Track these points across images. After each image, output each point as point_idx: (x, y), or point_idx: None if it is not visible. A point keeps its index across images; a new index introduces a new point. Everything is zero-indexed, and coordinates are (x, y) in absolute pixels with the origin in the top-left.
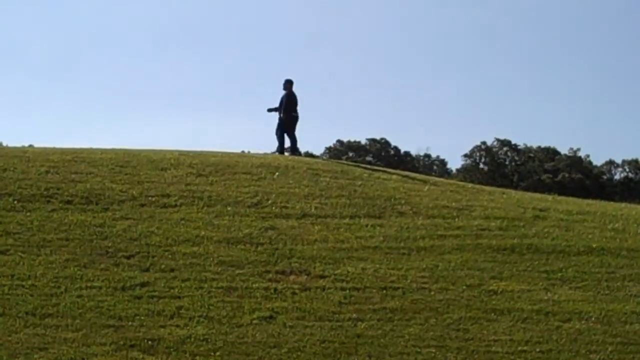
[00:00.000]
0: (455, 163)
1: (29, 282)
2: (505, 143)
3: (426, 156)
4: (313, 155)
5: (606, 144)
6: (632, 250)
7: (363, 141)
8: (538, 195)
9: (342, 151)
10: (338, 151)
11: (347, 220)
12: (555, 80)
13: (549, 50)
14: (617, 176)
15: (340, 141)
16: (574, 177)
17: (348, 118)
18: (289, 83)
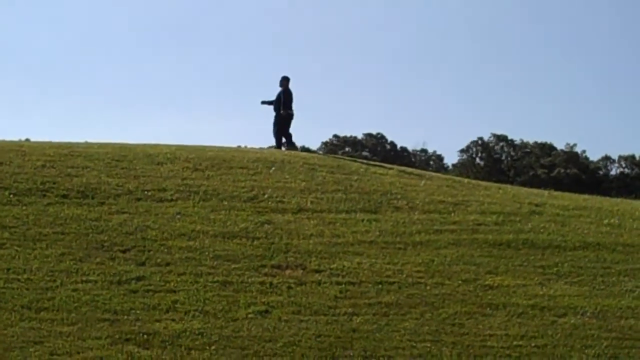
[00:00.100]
0: (451, 158)
1: (25, 276)
2: (501, 138)
3: (422, 151)
4: (309, 149)
5: (602, 140)
6: (628, 245)
7: (359, 136)
8: (534, 190)
9: (339, 146)
10: (334, 146)
11: (343, 214)
12: (551, 75)
13: (546, 45)
14: (613, 172)
15: (336, 136)
16: (570, 173)
17: (344, 113)
18: (286, 80)
